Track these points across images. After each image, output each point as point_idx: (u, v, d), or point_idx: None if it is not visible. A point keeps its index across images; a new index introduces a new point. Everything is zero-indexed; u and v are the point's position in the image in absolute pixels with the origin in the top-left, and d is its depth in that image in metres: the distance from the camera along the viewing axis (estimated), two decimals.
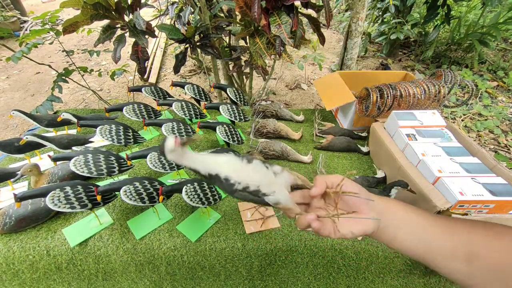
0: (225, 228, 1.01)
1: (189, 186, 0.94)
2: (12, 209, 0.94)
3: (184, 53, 1.59)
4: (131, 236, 0.97)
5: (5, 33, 1.80)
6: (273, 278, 1.01)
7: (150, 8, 1.69)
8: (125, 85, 3.20)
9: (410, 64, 3.57)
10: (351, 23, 2.36)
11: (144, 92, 1.43)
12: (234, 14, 1.81)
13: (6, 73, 3.45)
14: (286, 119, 1.62)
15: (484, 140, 2.35)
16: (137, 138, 1.25)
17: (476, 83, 3.00)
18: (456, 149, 1.10)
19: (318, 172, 1.25)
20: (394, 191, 0.97)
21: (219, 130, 1.23)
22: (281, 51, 1.34)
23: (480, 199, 0.88)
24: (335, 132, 1.45)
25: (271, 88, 3.09)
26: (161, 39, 4.11)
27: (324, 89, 1.57)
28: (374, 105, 1.30)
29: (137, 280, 0.99)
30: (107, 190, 0.90)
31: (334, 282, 1.02)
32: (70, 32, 1.29)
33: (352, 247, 0.98)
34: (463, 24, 3.53)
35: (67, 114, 1.25)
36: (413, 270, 1.00)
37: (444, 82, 1.35)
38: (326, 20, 1.37)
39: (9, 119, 2.70)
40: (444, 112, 2.63)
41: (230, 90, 1.47)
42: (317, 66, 3.55)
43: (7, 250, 0.92)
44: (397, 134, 1.18)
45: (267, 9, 1.29)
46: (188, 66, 3.55)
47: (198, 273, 0.98)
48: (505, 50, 3.62)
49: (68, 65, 2.61)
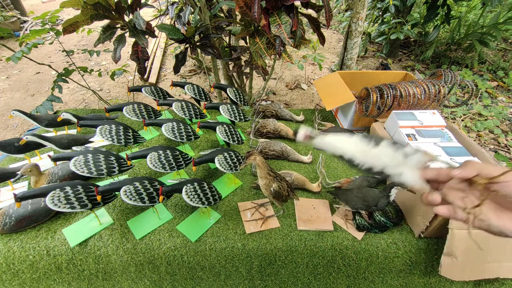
0: (225, 228, 1.01)
1: (189, 186, 0.94)
2: (12, 209, 0.94)
3: (184, 53, 1.59)
4: (131, 236, 0.97)
5: (5, 33, 1.79)
6: (273, 278, 1.01)
7: (150, 8, 1.69)
8: (125, 85, 3.20)
9: (410, 64, 3.57)
10: (351, 23, 2.36)
11: (144, 92, 1.43)
12: (234, 14, 1.81)
13: (6, 73, 3.45)
14: (286, 119, 1.62)
15: (484, 140, 2.35)
16: (137, 138, 1.25)
17: (476, 83, 3.01)
18: (456, 149, 1.10)
19: (318, 172, 1.25)
20: (394, 191, 0.97)
21: (219, 130, 1.23)
22: (281, 51, 1.34)
23: None
24: (335, 132, 1.45)
25: (271, 88, 3.09)
26: (161, 39, 4.11)
27: (324, 89, 1.57)
28: (374, 105, 1.30)
29: (137, 280, 0.99)
30: (107, 190, 0.90)
31: (334, 282, 1.02)
32: (70, 32, 1.29)
33: (352, 247, 0.98)
34: (463, 24, 3.53)
35: (67, 114, 1.25)
36: (413, 270, 1.00)
37: (444, 82, 1.35)
38: (326, 20, 1.37)
39: (9, 119, 2.70)
40: (444, 112, 2.64)
41: (230, 90, 1.47)
42: (317, 66, 3.55)
43: (7, 250, 0.92)
44: (397, 134, 1.19)
45: (267, 9, 1.29)
46: (188, 66, 3.55)
47: (198, 273, 0.98)
48: (505, 50, 3.62)
49: (68, 65, 2.61)
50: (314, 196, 1.16)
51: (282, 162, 1.32)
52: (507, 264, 0.92)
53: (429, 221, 0.93)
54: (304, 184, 1.16)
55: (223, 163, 1.07)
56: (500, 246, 0.90)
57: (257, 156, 0.94)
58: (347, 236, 1.00)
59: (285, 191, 0.96)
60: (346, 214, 1.07)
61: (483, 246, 0.89)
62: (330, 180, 1.22)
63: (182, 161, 1.11)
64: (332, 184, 1.19)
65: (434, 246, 0.99)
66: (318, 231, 1.01)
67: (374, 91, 1.30)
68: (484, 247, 0.90)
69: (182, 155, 1.12)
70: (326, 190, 1.18)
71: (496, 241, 0.89)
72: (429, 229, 0.96)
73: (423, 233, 0.98)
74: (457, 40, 3.52)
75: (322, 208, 1.10)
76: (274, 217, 1.05)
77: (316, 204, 1.11)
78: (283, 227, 1.02)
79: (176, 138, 1.19)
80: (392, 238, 1.00)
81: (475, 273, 0.91)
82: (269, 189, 0.96)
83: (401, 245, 0.99)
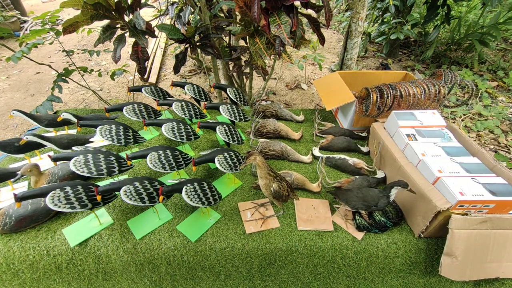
0: (225, 228, 1.01)
1: (189, 186, 0.94)
2: (12, 209, 0.94)
3: (184, 53, 1.59)
4: (131, 236, 0.97)
5: (5, 33, 1.80)
6: (273, 278, 1.01)
7: (150, 8, 1.69)
8: (125, 85, 3.20)
9: (410, 64, 3.57)
10: (351, 23, 2.36)
11: (144, 92, 1.43)
12: (234, 14, 1.81)
13: (6, 73, 3.45)
14: (286, 119, 1.62)
15: (484, 140, 2.35)
16: (137, 138, 1.25)
17: (476, 83, 3.00)
18: (456, 149, 1.10)
19: (318, 172, 1.25)
20: (394, 191, 0.97)
21: (219, 130, 1.23)
22: (281, 51, 1.34)
23: (480, 199, 0.88)
24: (335, 132, 1.45)
25: (271, 88, 3.09)
26: (161, 39, 4.11)
27: (324, 89, 1.57)
28: (374, 105, 1.30)
29: (137, 280, 0.99)
30: (107, 190, 0.90)
31: (334, 282, 1.02)
32: (70, 32, 1.29)
33: (352, 247, 0.98)
34: (463, 24, 3.53)
35: (67, 114, 1.25)
36: (413, 270, 1.00)
37: (444, 82, 1.35)
38: (326, 20, 1.37)
39: (9, 119, 2.70)
40: (444, 112, 2.63)
41: (230, 90, 1.47)
42: (317, 66, 3.55)
43: (7, 250, 0.92)
44: (397, 134, 1.18)
45: (267, 9, 1.29)
46: (188, 66, 3.55)
47: (198, 273, 0.98)
48: (505, 50, 3.62)
49: (68, 65, 2.61)
50: (314, 196, 1.16)
51: (282, 162, 1.32)
52: (507, 264, 0.92)
53: (429, 221, 0.93)
54: (304, 184, 1.16)
55: (223, 163, 1.07)
56: (500, 246, 0.90)
57: (257, 156, 0.94)
58: (347, 236, 1.00)
59: (285, 191, 0.96)
60: (346, 214, 1.07)
61: (483, 246, 0.89)
62: (330, 180, 1.22)
63: (182, 161, 1.11)
64: (332, 184, 1.19)
65: (434, 246, 0.99)
66: (318, 231, 1.01)
67: (374, 91, 1.30)
68: (484, 247, 0.90)
69: (182, 155, 1.12)
70: (326, 190, 1.18)
71: (496, 241, 0.89)
72: (429, 229, 0.96)
73: (423, 233, 0.98)
74: (457, 40, 3.52)
75: (322, 208, 1.10)
76: (274, 217, 1.05)
77: (316, 204, 1.11)
78: (283, 227, 1.02)
79: (176, 138, 1.19)
80: (392, 238, 1.00)
81: (475, 273, 0.91)
82: (269, 189, 0.96)
83: (401, 245, 0.99)
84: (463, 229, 0.87)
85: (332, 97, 1.47)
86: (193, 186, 0.94)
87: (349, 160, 1.27)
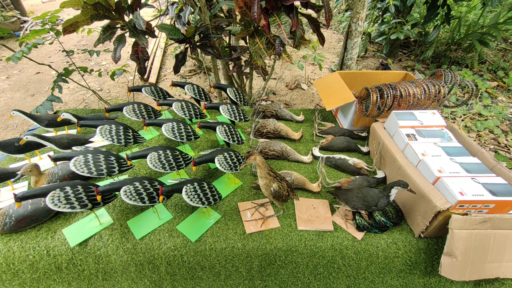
0: (225, 228, 1.01)
1: (189, 186, 0.94)
2: (12, 209, 0.94)
3: (184, 53, 1.59)
4: (131, 236, 0.97)
5: (5, 33, 1.79)
6: (273, 278, 1.01)
7: (150, 8, 1.69)
8: (125, 85, 3.20)
9: (410, 64, 3.57)
10: (351, 23, 2.36)
11: (144, 92, 1.43)
12: (234, 14, 1.81)
13: (6, 73, 3.45)
14: (286, 119, 1.62)
15: (484, 140, 2.35)
16: (137, 138, 1.25)
17: (476, 83, 3.00)
18: (456, 149, 1.10)
19: (318, 172, 1.25)
20: (394, 191, 0.97)
21: (219, 130, 1.23)
22: (280, 51, 1.34)
23: (480, 199, 0.88)
24: (335, 132, 1.45)
25: (271, 88, 3.09)
26: (161, 39, 4.11)
27: (324, 89, 1.57)
28: (374, 105, 1.30)
29: (137, 280, 0.99)
30: (107, 190, 0.90)
31: (334, 282, 1.02)
32: (70, 32, 1.29)
33: (352, 247, 0.98)
34: (463, 24, 3.53)
35: (67, 114, 1.25)
36: (413, 270, 1.00)
37: (444, 82, 1.35)
38: (326, 20, 1.37)
39: (9, 119, 2.70)
40: (444, 112, 2.63)
41: (230, 90, 1.47)
42: (317, 66, 3.55)
43: (7, 250, 0.92)
44: (397, 134, 1.18)
45: (266, 9, 1.29)
46: (188, 66, 3.55)
47: (198, 273, 0.98)
48: (505, 50, 3.62)
49: (68, 65, 2.61)
50: (314, 196, 1.16)
51: (282, 162, 1.32)
52: (507, 264, 0.92)
53: (429, 221, 0.93)
54: (304, 184, 1.15)
55: (223, 163, 1.07)
56: (500, 246, 0.90)
57: (257, 156, 0.94)
58: (347, 236, 1.00)
59: (285, 191, 0.96)
60: (346, 214, 1.07)
61: (483, 246, 0.89)
62: (330, 180, 1.22)
63: (182, 161, 1.11)
64: (332, 184, 1.19)
65: (434, 246, 0.99)
66: (318, 231, 1.01)
67: (374, 91, 1.30)
68: (484, 247, 0.90)
69: (182, 155, 1.12)
70: (326, 190, 1.18)
71: (496, 241, 0.89)
72: (429, 229, 0.96)
73: (423, 233, 0.98)
74: (457, 40, 3.52)
75: (322, 208, 1.10)
76: (274, 217, 1.05)
77: (316, 204, 1.11)
78: (283, 227, 1.02)
79: (176, 138, 1.19)
80: (392, 238, 1.00)
81: (475, 273, 0.91)
82: (269, 189, 0.96)
83: (401, 245, 0.99)
84: (463, 229, 0.87)
85: (332, 97, 1.47)
86: (193, 186, 0.94)
87: (349, 160, 1.27)
